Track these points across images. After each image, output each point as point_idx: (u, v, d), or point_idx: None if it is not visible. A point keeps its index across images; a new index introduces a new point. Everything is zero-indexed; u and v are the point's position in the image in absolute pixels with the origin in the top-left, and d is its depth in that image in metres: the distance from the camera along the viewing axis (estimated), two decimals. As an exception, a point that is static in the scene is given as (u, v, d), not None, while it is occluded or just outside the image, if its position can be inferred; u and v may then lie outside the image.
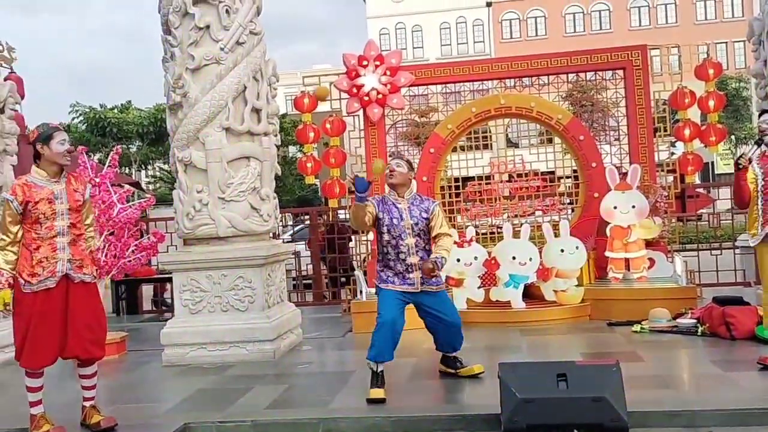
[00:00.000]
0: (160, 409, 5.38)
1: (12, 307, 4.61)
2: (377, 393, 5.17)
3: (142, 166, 33.08)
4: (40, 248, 4.60)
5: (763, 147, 5.53)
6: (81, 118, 28.26)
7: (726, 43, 43.79)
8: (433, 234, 5.46)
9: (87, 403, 4.96)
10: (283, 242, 9.90)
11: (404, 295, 5.48)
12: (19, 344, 4.64)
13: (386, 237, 5.43)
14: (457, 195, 9.70)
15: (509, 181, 9.82)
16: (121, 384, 6.48)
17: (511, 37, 48.23)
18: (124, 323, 10.21)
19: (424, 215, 5.45)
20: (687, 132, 9.29)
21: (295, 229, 15.99)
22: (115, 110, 29.09)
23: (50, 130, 4.69)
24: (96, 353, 4.81)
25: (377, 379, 5.29)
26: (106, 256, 7.72)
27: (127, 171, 29.10)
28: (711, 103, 9.29)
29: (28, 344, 4.59)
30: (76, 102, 27.66)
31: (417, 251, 5.41)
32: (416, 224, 5.41)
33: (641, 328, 7.24)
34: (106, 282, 8.21)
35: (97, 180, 7.77)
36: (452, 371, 5.74)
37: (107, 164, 8.12)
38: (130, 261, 7.91)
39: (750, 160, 5.50)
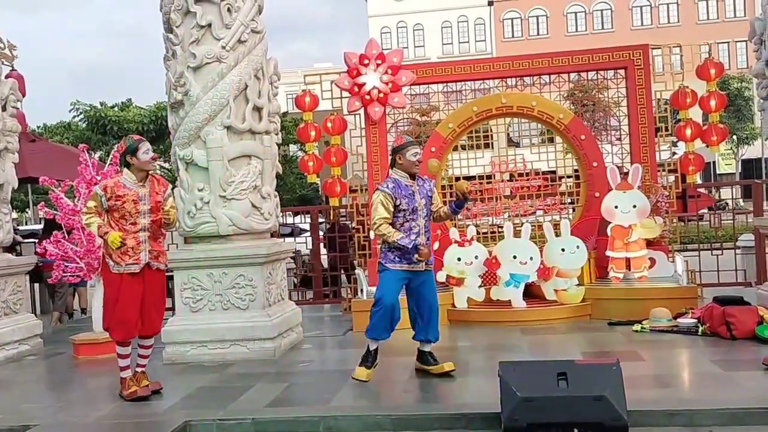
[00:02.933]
0: (161, 406, 5.39)
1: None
2: (360, 373, 5.70)
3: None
4: (126, 241, 5.39)
5: None
6: (81, 116, 28.23)
7: (728, 42, 43.77)
8: (434, 209, 5.86)
9: (139, 369, 5.73)
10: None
11: (406, 275, 5.71)
12: (108, 318, 5.55)
13: (401, 219, 5.65)
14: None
15: (510, 180, 9.83)
16: (122, 382, 6.49)
17: (513, 36, 48.23)
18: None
19: (429, 194, 5.77)
20: (688, 132, 9.29)
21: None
22: (116, 108, 29.05)
23: (136, 142, 5.50)
24: (158, 329, 5.81)
25: (368, 357, 5.77)
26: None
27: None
28: (712, 103, 9.29)
29: (117, 319, 5.45)
30: (77, 100, 27.62)
31: (425, 232, 5.71)
32: (425, 205, 5.71)
33: (642, 327, 7.24)
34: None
35: (99, 178, 7.78)
36: (426, 368, 5.85)
37: (109, 162, 8.12)
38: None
39: None
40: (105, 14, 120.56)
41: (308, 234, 11.95)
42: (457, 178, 9.92)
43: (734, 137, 37.04)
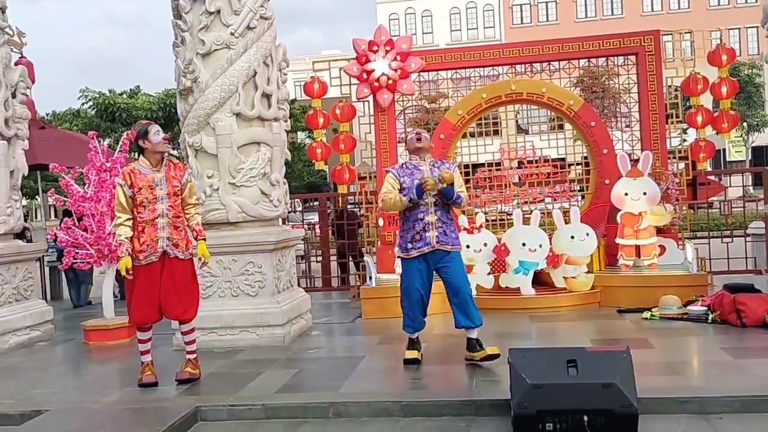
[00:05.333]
0: (172, 392, 5.42)
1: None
2: (411, 354, 5.78)
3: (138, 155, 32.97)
4: (144, 230, 5.39)
5: None
6: (90, 103, 28.26)
7: (739, 29, 43.36)
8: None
9: (187, 356, 5.74)
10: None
11: (423, 262, 5.69)
12: (128, 304, 5.56)
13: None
14: (467, 181, 9.67)
15: (519, 167, 9.78)
16: (132, 367, 6.49)
17: (522, 23, 47.93)
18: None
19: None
20: (699, 118, 9.23)
21: None
22: (124, 96, 29.08)
23: (145, 126, 5.49)
24: (187, 315, 5.64)
25: (412, 344, 5.89)
26: (116, 240, 7.75)
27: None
28: (723, 90, 9.22)
29: (133, 305, 5.49)
30: (86, 87, 27.65)
31: (435, 210, 5.66)
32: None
33: (651, 315, 7.23)
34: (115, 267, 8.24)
35: (108, 165, 7.80)
36: (471, 355, 5.68)
37: (119, 149, 8.14)
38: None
39: None
40: (110, 3, 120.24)
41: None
42: (467, 165, 9.89)
43: (744, 124, 36.76)
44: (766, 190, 10.58)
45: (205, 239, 5.69)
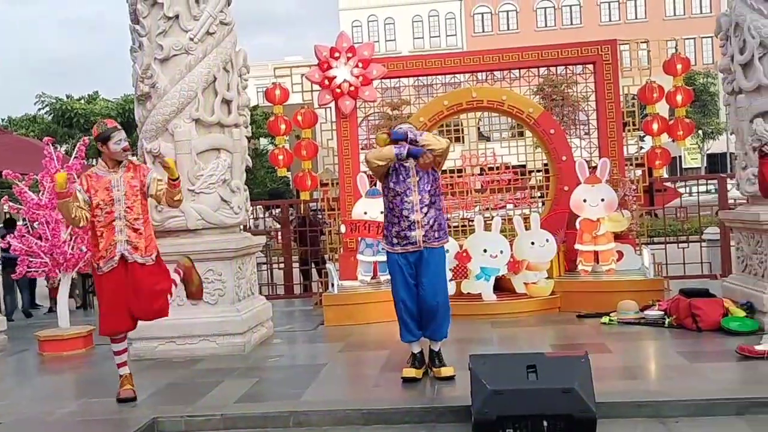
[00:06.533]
0: (129, 403, 5.31)
1: None
2: (408, 372, 5.43)
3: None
4: (103, 234, 5.23)
5: None
6: (47, 108, 27.80)
7: (694, 38, 44.36)
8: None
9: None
10: None
11: (407, 259, 5.49)
12: (99, 317, 5.41)
13: (392, 193, 5.52)
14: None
15: (481, 174, 9.85)
16: (88, 378, 6.40)
17: (483, 31, 48.38)
18: (92, 317, 10.06)
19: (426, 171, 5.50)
20: (655, 126, 9.39)
21: None
22: (82, 101, 28.65)
23: (108, 131, 5.23)
24: (156, 315, 5.44)
25: (413, 360, 5.53)
26: (72, 248, 7.61)
27: (94, 162, 28.66)
28: (679, 98, 9.40)
29: (101, 315, 5.34)
30: (42, 93, 27.21)
31: (421, 207, 5.47)
32: (421, 179, 5.49)
33: (610, 320, 7.32)
34: (73, 275, 8.08)
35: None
36: (430, 369, 5.55)
37: (74, 155, 7.99)
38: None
39: None
40: (68, 7, 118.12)
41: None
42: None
43: (700, 132, 37.54)
44: (720, 196, 10.81)
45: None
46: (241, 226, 7.62)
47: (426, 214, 5.48)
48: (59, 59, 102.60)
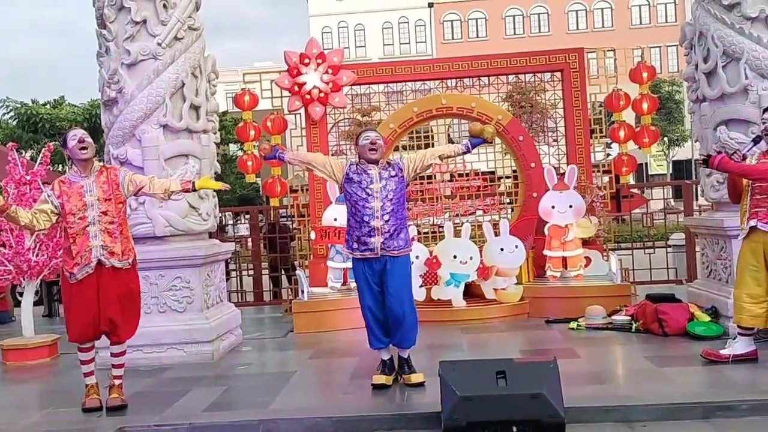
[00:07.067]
0: (94, 413, 5.22)
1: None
2: (378, 378, 5.40)
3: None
4: (76, 240, 5.14)
5: (763, 144, 5.46)
6: (12, 113, 27.34)
7: (660, 47, 45.14)
8: (425, 162, 5.66)
9: (115, 380, 5.40)
10: None
11: (371, 268, 5.42)
12: (66, 323, 5.29)
13: (354, 197, 5.43)
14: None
15: (450, 180, 9.89)
16: (53, 388, 6.28)
17: (453, 38, 48.71)
18: (57, 325, 9.88)
19: (392, 174, 5.46)
20: (622, 133, 9.52)
21: None
22: (48, 106, 28.22)
23: (66, 134, 5.30)
24: (121, 335, 5.32)
25: (383, 367, 5.51)
26: (37, 256, 7.48)
27: (60, 168, 28.25)
28: (645, 106, 9.54)
29: (69, 322, 5.25)
30: (6, 97, 26.76)
31: (382, 215, 5.36)
32: (384, 186, 5.40)
33: (578, 325, 7.39)
34: (36, 284, 7.93)
35: (28, 177, 7.52)
36: (400, 376, 5.53)
37: (39, 161, 7.86)
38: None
39: (744, 157, 5.43)
40: (32, 10, 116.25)
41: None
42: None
43: (665, 139, 38.17)
44: (686, 202, 11.00)
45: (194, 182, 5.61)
46: (209, 233, 7.56)
47: (387, 221, 5.36)
48: (24, 64, 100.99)
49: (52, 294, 11.17)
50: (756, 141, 5.52)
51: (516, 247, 8.22)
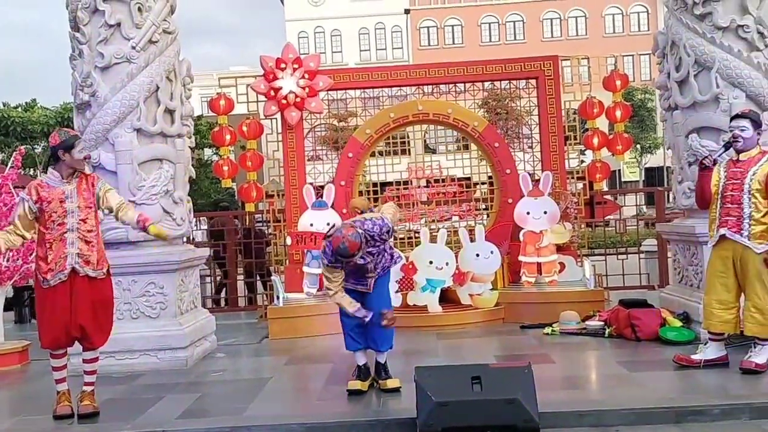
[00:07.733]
0: (65, 420, 5.14)
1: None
2: (354, 384, 5.37)
3: (48, 167, 31.68)
4: (52, 246, 5.08)
5: (732, 152, 5.52)
6: (-18, 116, 26.93)
7: (633, 55, 45.65)
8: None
9: (86, 387, 5.30)
10: None
11: (354, 290, 5.41)
12: (39, 330, 5.22)
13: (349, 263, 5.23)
14: (375, 200, 9.72)
15: (426, 186, 9.92)
16: (23, 395, 6.18)
17: (429, 45, 48.86)
18: (27, 332, 9.72)
19: (375, 243, 5.27)
20: (595, 141, 9.61)
21: None
22: (19, 109, 27.85)
23: (72, 139, 5.14)
24: (94, 341, 5.25)
25: (359, 372, 5.48)
26: (7, 261, 7.36)
27: (32, 172, 27.88)
28: (618, 113, 9.65)
29: (41, 329, 5.18)
30: (-23, 100, 26.36)
31: (374, 267, 5.40)
32: (373, 254, 5.30)
33: (552, 330, 7.43)
34: (7, 289, 7.81)
35: (-1, 181, 7.41)
36: (376, 381, 5.52)
37: (10, 165, 7.76)
38: (33, 266, 7.55)
39: (715, 162, 5.49)
40: (3, 12, 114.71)
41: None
42: (375, 184, 9.95)
43: (638, 146, 38.60)
44: (658, 209, 11.13)
45: (152, 224, 5.34)
46: (184, 238, 7.50)
47: (376, 266, 5.37)
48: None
49: (23, 300, 10.98)
50: (726, 147, 5.60)
51: (491, 252, 8.26)
